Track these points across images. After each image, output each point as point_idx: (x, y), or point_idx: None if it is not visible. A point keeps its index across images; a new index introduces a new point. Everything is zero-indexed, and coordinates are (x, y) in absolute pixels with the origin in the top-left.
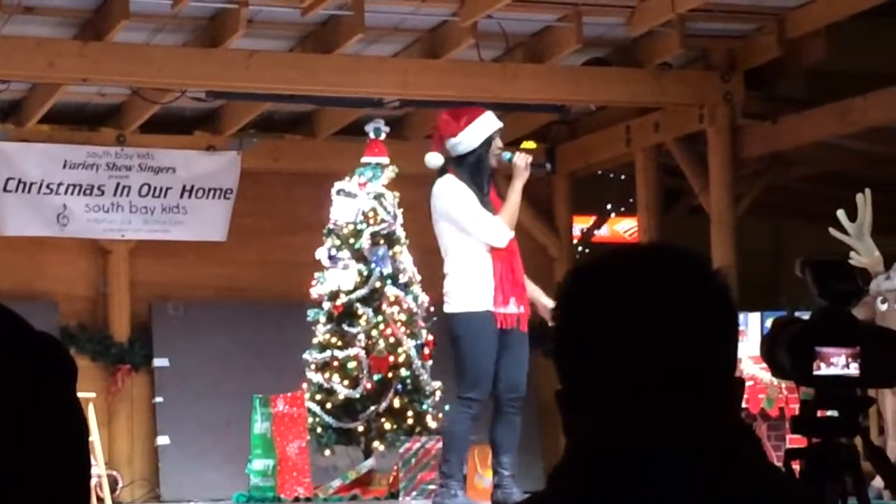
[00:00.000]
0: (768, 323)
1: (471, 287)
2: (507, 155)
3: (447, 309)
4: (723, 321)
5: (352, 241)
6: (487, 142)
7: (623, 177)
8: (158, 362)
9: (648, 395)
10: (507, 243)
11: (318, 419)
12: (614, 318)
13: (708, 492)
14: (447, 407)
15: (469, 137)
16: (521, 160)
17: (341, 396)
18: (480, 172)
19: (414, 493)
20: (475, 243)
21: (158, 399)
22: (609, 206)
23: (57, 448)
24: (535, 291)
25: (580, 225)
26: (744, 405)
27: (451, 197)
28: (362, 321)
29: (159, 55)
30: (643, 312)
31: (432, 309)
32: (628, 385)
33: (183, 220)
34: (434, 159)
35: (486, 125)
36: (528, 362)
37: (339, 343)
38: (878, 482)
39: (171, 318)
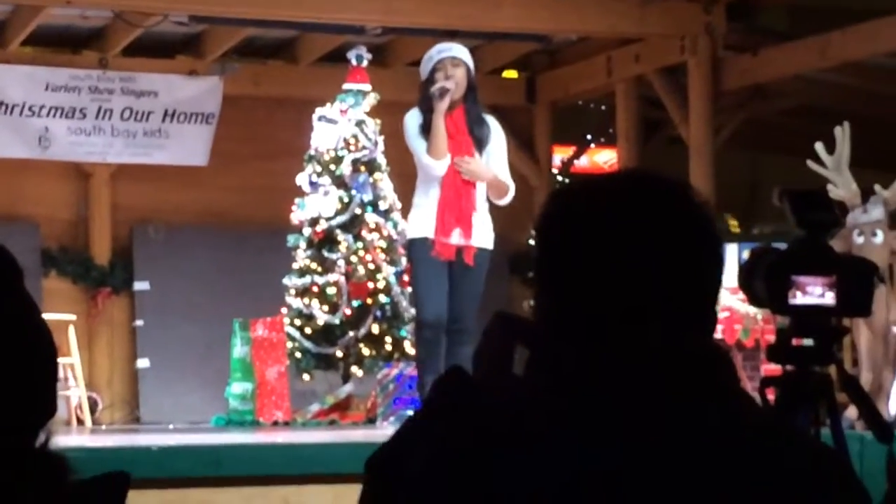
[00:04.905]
0: (745, 254)
1: (416, 214)
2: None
3: None
4: (704, 246)
5: (332, 167)
6: (430, 74)
7: (603, 107)
8: (139, 286)
9: (627, 320)
10: (461, 175)
11: (297, 344)
12: (595, 240)
13: (682, 416)
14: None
15: (421, 71)
16: (434, 90)
17: (320, 322)
18: (424, 103)
19: (391, 419)
20: (425, 172)
21: (138, 322)
22: (589, 137)
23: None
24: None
25: (560, 155)
26: (720, 336)
27: (404, 127)
28: (342, 247)
29: None
30: (624, 235)
31: None
32: (607, 310)
33: (164, 144)
34: None
35: (426, 59)
36: (504, 288)
37: (319, 269)
38: (850, 412)
39: (151, 242)
